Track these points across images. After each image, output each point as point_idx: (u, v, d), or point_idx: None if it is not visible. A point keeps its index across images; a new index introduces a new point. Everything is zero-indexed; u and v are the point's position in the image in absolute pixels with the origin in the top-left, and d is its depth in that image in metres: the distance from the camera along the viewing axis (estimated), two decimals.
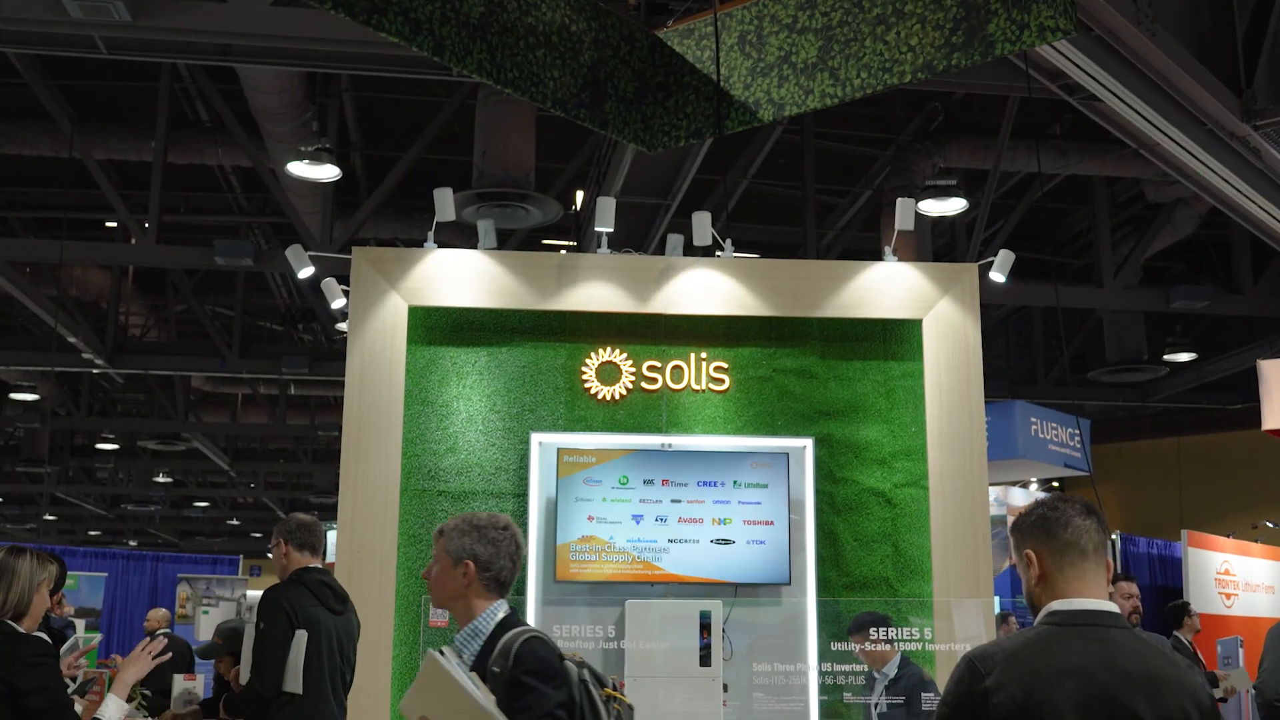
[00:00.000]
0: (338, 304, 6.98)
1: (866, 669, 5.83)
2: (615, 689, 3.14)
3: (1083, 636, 2.52)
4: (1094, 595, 2.59)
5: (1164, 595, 11.68)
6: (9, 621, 4.09)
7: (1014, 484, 12.91)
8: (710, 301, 6.85)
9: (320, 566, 5.06)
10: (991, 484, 7.33)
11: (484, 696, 2.89)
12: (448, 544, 3.22)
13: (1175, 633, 8.66)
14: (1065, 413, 12.45)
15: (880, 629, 5.80)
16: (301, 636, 4.77)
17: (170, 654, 4.61)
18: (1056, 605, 2.59)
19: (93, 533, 30.45)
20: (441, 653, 2.92)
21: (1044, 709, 2.42)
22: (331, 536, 6.97)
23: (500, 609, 3.19)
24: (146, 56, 8.08)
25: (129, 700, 6.26)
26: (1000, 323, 16.34)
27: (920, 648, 5.84)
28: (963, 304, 6.89)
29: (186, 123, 11.55)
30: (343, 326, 9.34)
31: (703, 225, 6.78)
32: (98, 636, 11.41)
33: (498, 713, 2.87)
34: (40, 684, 3.91)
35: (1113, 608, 2.59)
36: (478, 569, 3.17)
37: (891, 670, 5.73)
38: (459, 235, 11.08)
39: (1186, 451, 16.80)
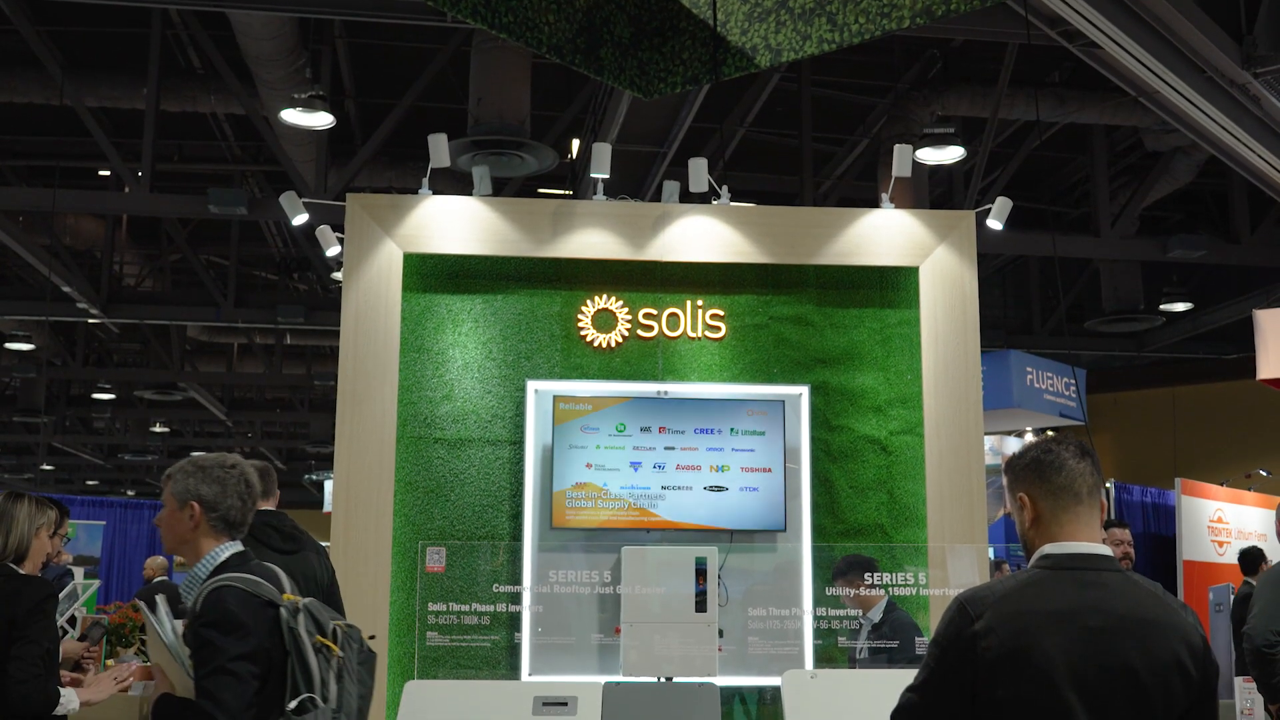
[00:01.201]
0: (332, 251, 6.95)
1: (860, 613, 5.85)
2: (337, 635, 3.04)
3: (1075, 580, 2.52)
4: (1087, 539, 2.59)
5: (1156, 543, 11.76)
6: (10, 564, 4.13)
7: (1009, 433, 12.96)
8: (706, 249, 6.82)
9: (269, 509, 4.99)
10: (987, 433, 7.34)
11: (180, 647, 2.91)
12: (174, 487, 3.18)
13: (1247, 578, 8.56)
14: (1061, 362, 12.47)
15: (866, 573, 5.82)
16: None
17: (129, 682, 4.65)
18: (1049, 549, 2.59)
19: (90, 482, 30.54)
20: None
21: (1033, 652, 2.43)
22: (328, 486, 6.99)
23: (225, 551, 3.13)
24: (138, 1, 8.01)
25: (128, 647, 6.32)
26: (997, 273, 16.33)
27: (914, 593, 5.88)
28: (960, 251, 6.87)
29: (179, 70, 11.46)
30: (338, 276, 9.32)
31: (699, 172, 6.75)
32: (96, 583, 11.47)
33: (189, 664, 2.87)
34: (34, 634, 3.97)
35: (1105, 551, 2.59)
36: (204, 510, 3.13)
37: (876, 615, 5.75)
38: (454, 184, 11.00)
39: (1181, 401, 16.84)
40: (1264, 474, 12.33)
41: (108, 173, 13.82)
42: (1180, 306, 14.79)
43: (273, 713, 2.91)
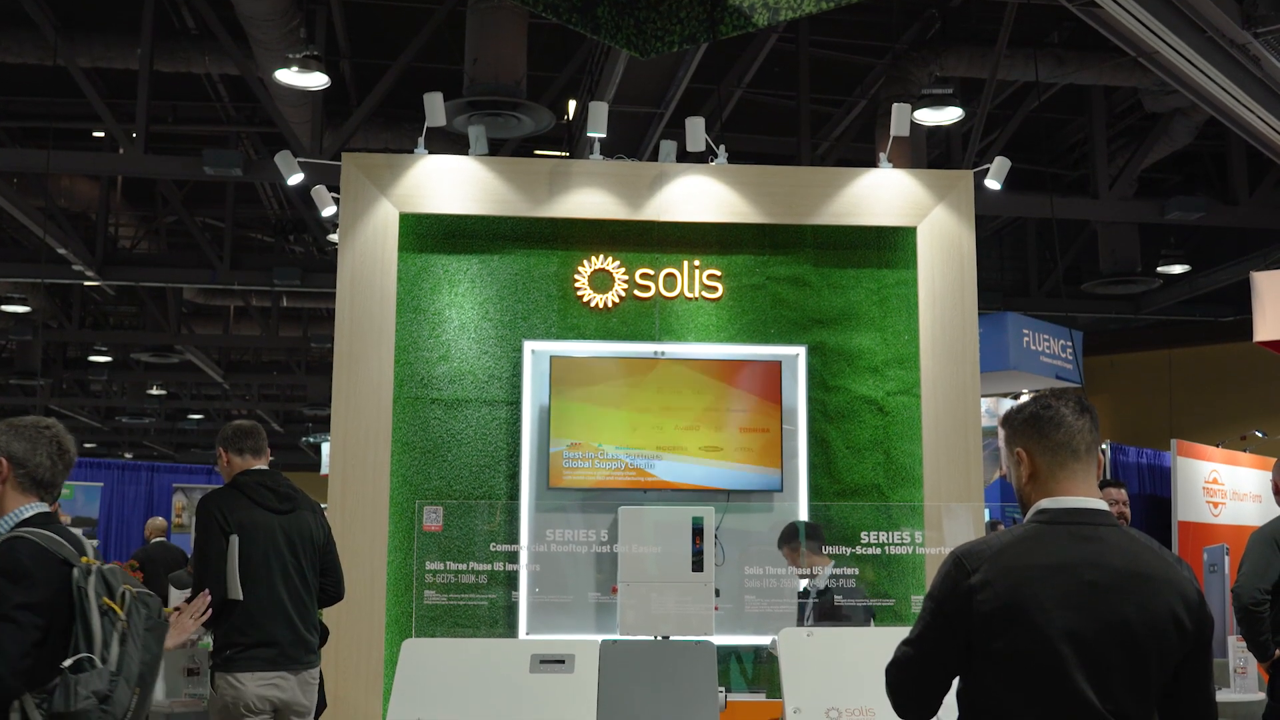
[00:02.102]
0: (328, 212, 6.92)
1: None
2: (126, 598, 3.06)
3: (1071, 534, 2.53)
4: (1084, 494, 2.60)
5: (1151, 504, 11.80)
6: None
7: (1005, 395, 12.96)
8: (704, 209, 6.80)
9: (261, 468, 4.99)
10: (983, 395, 7.35)
11: None
12: None
13: None
14: (1058, 324, 12.45)
15: (809, 540, 5.81)
16: (234, 541, 4.72)
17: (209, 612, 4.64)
18: (1045, 503, 2.60)
19: (88, 445, 30.53)
20: None
21: (1029, 606, 2.44)
22: (325, 448, 7.00)
23: (30, 510, 3.15)
24: None
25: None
26: (994, 235, 16.29)
27: (910, 552, 5.90)
28: (958, 211, 6.85)
29: (173, 30, 11.37)
30: (334, 238, 9.29)
31: (696, 131, 6.72)
32: (94, 543, 11.52)
33: None
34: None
35: (1102, 505, 2.60)
36: (12, 466, 3.15)
37: (822, 581, 5.74)
38: (451, 146, 10.96)
39: (1178, 363, 16.85)
40: (1259, 435, 12.35)
41: (102, 134, 13.75)
42: (1177, 269, 14.77)
43: (52, 669, 2.94)
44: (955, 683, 2.59)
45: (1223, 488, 11.24)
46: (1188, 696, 2.55)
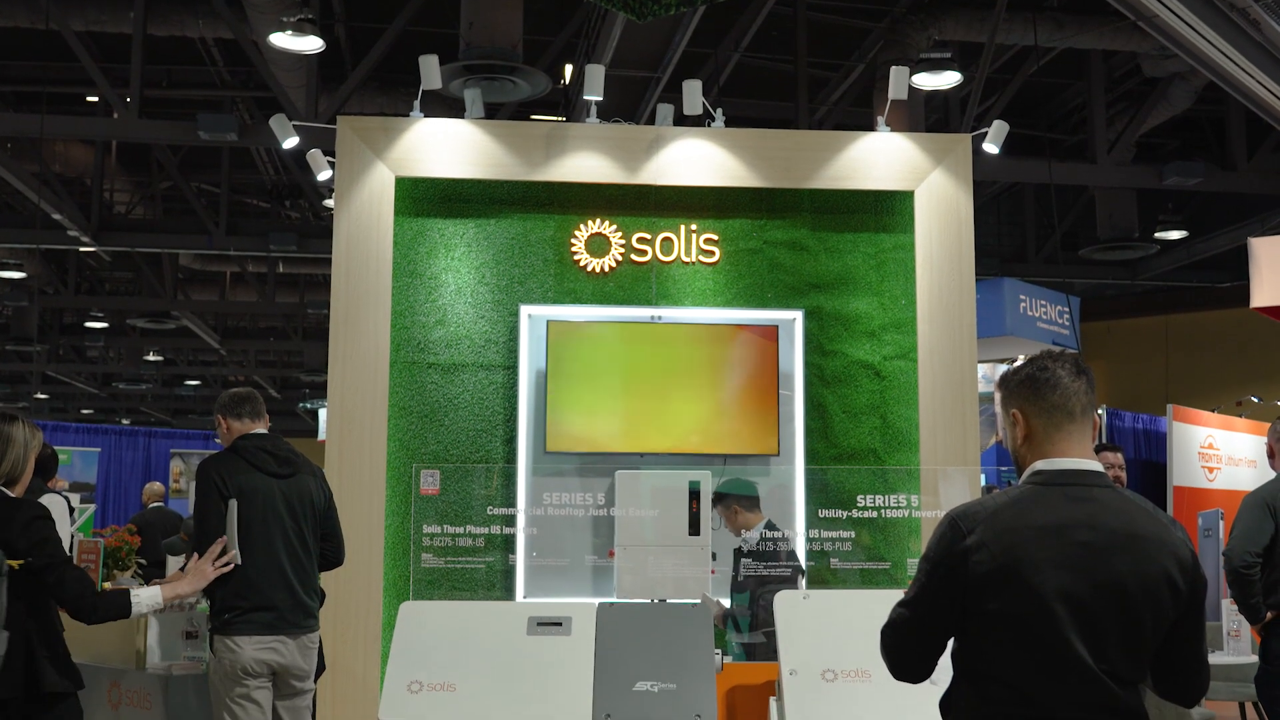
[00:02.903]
0: (324, 175, 6.90)
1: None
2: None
3: (1066, 496, 2.53)
4: (1079, 455, 2.60)
5: (1147, 469, 11.84)
6: (1, 488, 4.12)
7: (1002, 361, 12.97)
8: (700, 172, 6.78)
9: (261, 432, 4.98)
10: (979, 361, 7.35)
11: None
12: None
13: None
14: (1055, 290, 12.46)
15: (743, 499, 5.80)
16: (233, 505, 4.72)
17: (232, 566, 4.65)
18: (1041, 465, 2.60)
19: (85, 411, 30.55)
20: None
21: (1024, 566, 2.44)
22: (323, 414, 7.00)
23: None
24: None
25: (124, 570, 6.35)
26: (992, 200, 16.26)
27: (906, 515, 5.91)
28: (955, 175, 6.83)
29: None
30: (330, 203, 9.26)
31: (693, 94, 6.68)
32: (92, 507, 11.56)
33: None
34: (38, 540, 3.96)
35: (1097, 466, 2.60)
36: None
37: (754, 537, 5.74)
38: (446, 110, 10.92)
39: (1174, 329, 16.86)
40: (1255, 400, 12.37)
41: (96, 99, 13.68)
42: (1175, 234, 14.75)
43: None
44: (950, 644, 2.60)
45: (1218, 453, 11.27)
46: (1180, 656, 2.57)
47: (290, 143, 7.03)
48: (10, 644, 3.92)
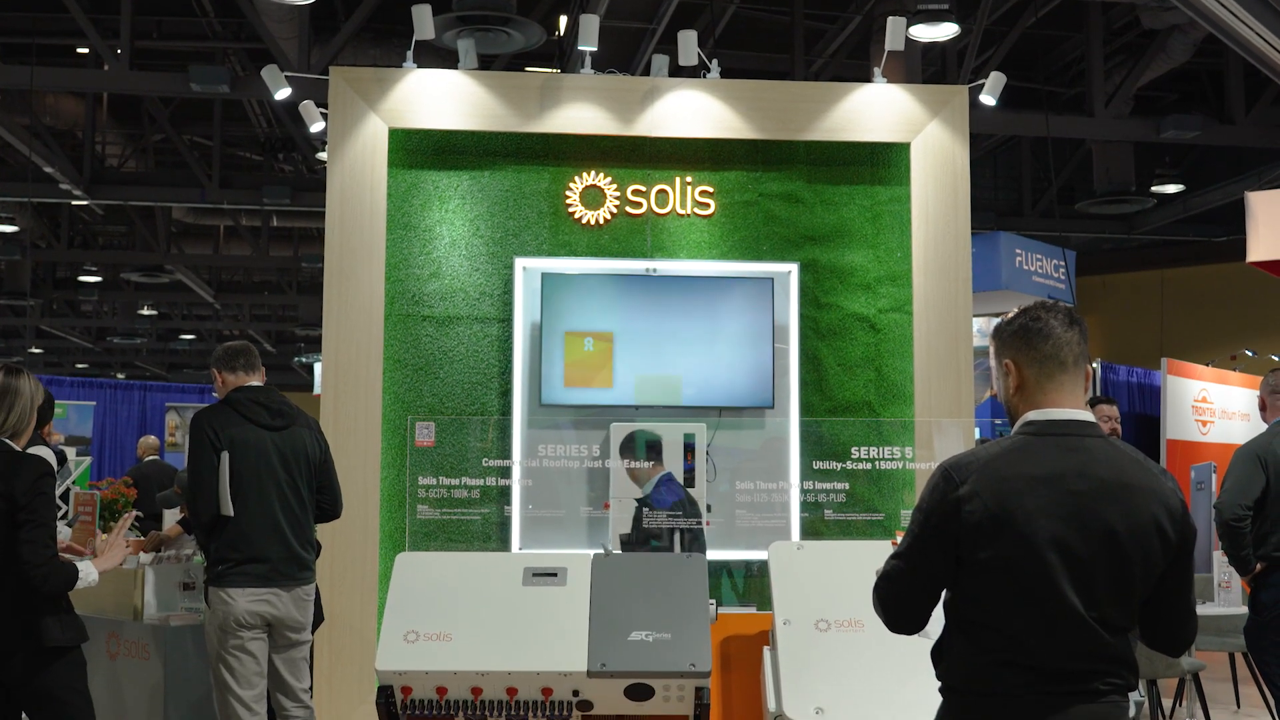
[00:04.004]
0: (316, 127, 6.86)
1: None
2: None
3: (1058, 445, 2.54)
4: (1071, 405, 2.61)
5: (1141, 422, 11.87)
6: (6, 440, 4.13)
7: (997, 315, 12.97)
8: (696, 124, 6.75)
9: (256, 384, 4.98)
10: (975, 315, 7.35)
11: None
12: None
13: None
14: (1051, 244, 12.43)
15: (646, 450, 5.81)
16: (224, 458, 4.72)
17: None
18: (1033, 415, 2.61)
19: (80, 365, 30.52)
20: None
21: (1016, 517, 2.46)
22: (318, 369, 6.99)
23: None
24: None
25: (118, 521, 6.37)
26: (989, 154, 16.21)
27: (900, 467, 5.94)
28: (952, 127, 6.80)
29: None
30: (323, 156, 9.20)
31: (688, 44, 6.64)
32: (88, 460, 11.58)
33: None
34: (37, 496, 3.99)
35: (1089, 417, 2.61)
36: None
37: (648, 489, 5.75)
38: (440, 62, 10.84)
39: (1170, 284, 16.86)
40: (1249, 354, 12.40)
41: (86, 50, 13.56)
42: (1171, 188, 14.72)
43: None
44: (943, 595, 2.61)
45: (1211, 406, 11.31)
46: (1169, 605, 2.59)
47: (283, 94, 6.99)
48: (13, 599, 3.95)
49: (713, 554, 5.65)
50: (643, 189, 6.79)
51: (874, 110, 6.80)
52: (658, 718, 4.40)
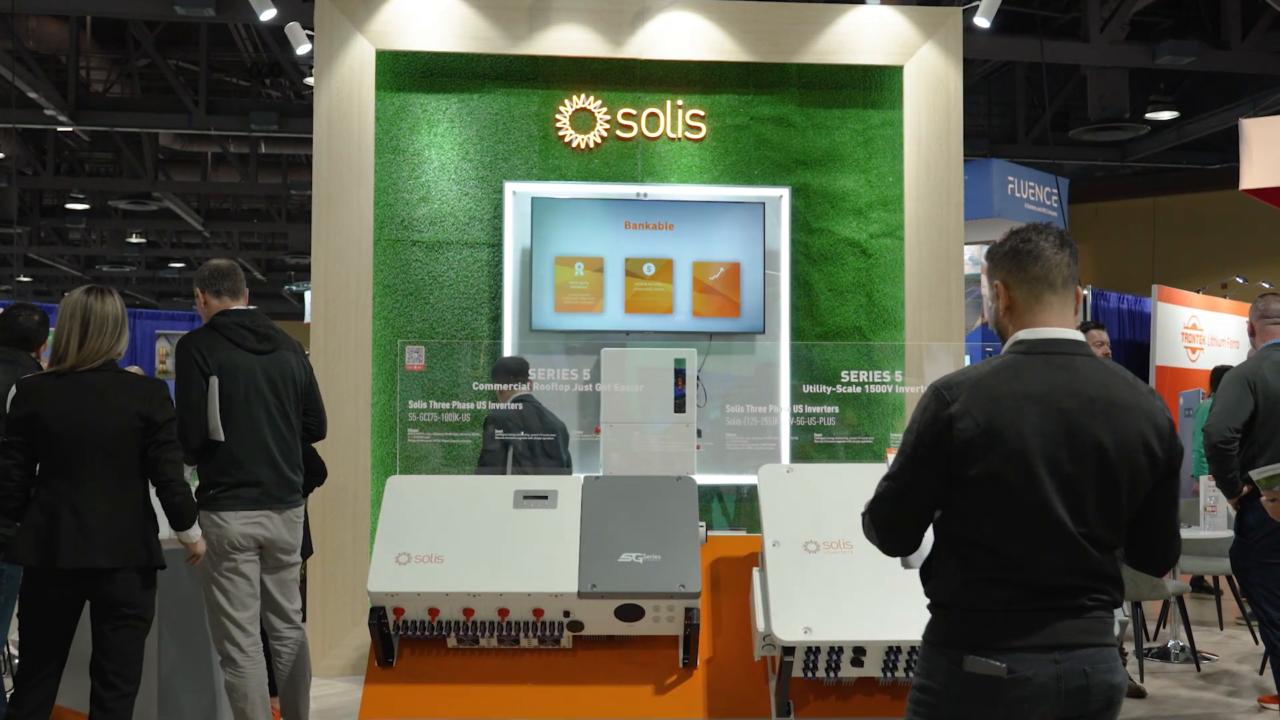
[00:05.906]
0: (303, 50, 6.79)
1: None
2: None
3: (1048, 364, 2.55)
4: (1060, 325, 2.61)
5: (1131, 349, 11.89)
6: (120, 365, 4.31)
7: (988, 243, 12.95)
8: (687, 46, 6.68)
9: (241, 308, 4.95)
10: (966, 243, 7.33)
11: None
12: None
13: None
14: (1044, 172, 12.37)
15: (512, 374, 5.82)
16: (214, 382, 4.71)
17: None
18: (1023, 334, 2.61)
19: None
20: None
21: (1007, 434, 2.47)
22: (308, 297, 6.97)
23: None
24: None
25: None
26: (983, 80, 16.06)
27: (890, 391, 5.95)
28: (946, 50, 6.74)
29: None
30: (311, 81, 9.10)
31: None
32: None
33: None
34: (170, 418, 4.30)
35: (1078, 336, 2.61)
36: None
37: (502, 406, 5.74)
38: None
39: (1162, 211, 16.81)
40: (1240, 281, 12.40)
41: None
42: (1166, 115, 14.62)
43: None
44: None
45: (1201, 333, 11.33)
46: (1154, 523, 2.61)
47: (268, 15, 6.90)
48: (141, 515, 4.22)
49: (703, 478, 5.67)
50: (633, 112, 6.73)
51: (867, 32, 6.73)
52: (648, 638, 4.44)
